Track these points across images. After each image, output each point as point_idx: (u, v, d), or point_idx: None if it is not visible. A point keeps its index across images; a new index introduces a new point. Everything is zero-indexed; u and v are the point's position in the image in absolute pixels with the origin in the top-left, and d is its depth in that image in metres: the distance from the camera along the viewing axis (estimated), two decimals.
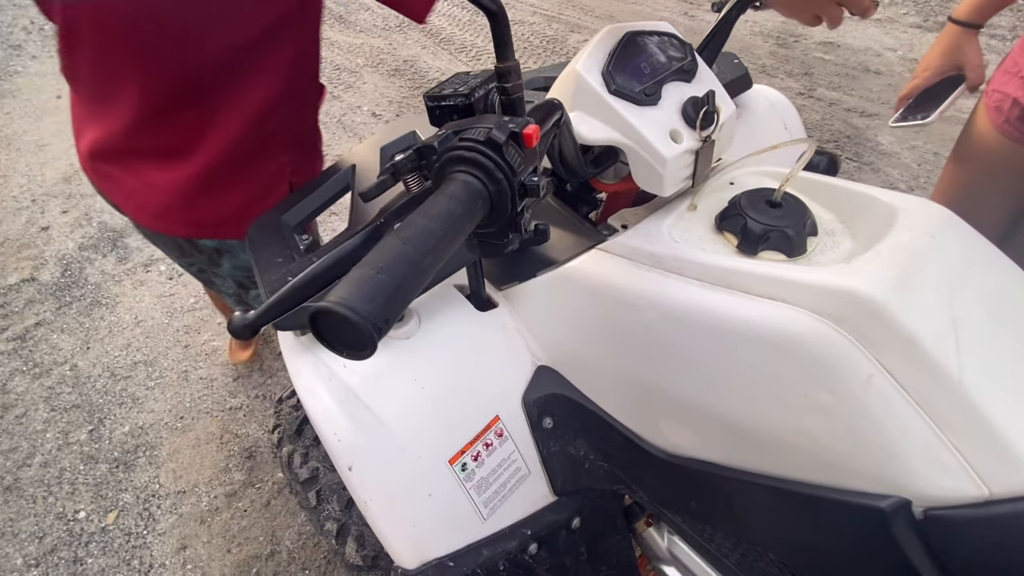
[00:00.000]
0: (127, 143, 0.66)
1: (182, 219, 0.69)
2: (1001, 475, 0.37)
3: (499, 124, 0.32)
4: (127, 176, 0.69)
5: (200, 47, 0.59)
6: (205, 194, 0.68)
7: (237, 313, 0.35)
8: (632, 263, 0.52)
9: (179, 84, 0.61)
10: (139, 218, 0.72)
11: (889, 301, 0.38)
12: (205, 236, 0.71)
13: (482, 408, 0.57)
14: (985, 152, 0.98)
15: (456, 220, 0.28)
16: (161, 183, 0.68)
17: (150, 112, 0.63)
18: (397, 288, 0.24)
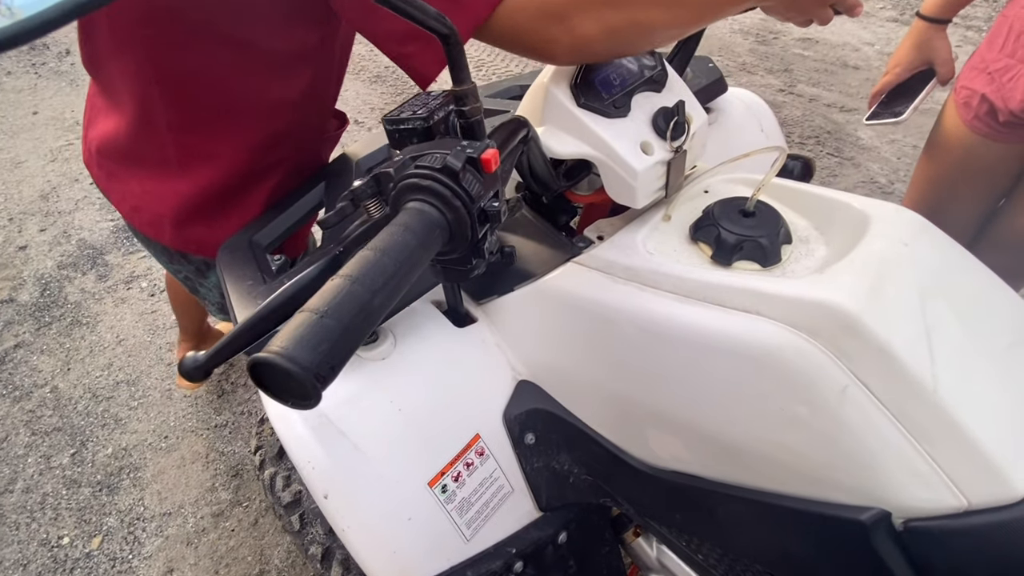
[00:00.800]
0: (132, 145, 0.65)
1: (173, 233, 0.68)
2: (979, 485, 0.37)
3: (455, 150, 0.31)
4: (128, 178, 0.68)
5: (212, 72, 0.57)
6: (199, 215, 0.66)
7: (189, 354, 0.34)
8: (607, 276, 0.52)
9: (187, 106, 0.60)
10: (132, 221, 0.71)
11: (862, 312, 0.38)
12: (193, 252, 0.70)
13: (462, 427, 0.56)
14: (956, 148, 0.98)
15: (411, 252, 0.27)
16: (158, 193, 0.66)
17: (155, 125, 0.62)
18: (343, 332, 0.24)
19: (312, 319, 0.23)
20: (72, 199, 2.25)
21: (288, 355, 0.22)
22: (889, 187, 2.10)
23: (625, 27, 0.41)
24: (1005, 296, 0.44)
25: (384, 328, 0.56)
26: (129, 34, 0.56)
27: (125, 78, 0.59)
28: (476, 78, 2.81)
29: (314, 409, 0.51)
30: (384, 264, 0.26)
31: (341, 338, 0.23)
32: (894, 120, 0.92)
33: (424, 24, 0.28)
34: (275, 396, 0.24)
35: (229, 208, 0.65)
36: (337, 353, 0.23)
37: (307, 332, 0.23)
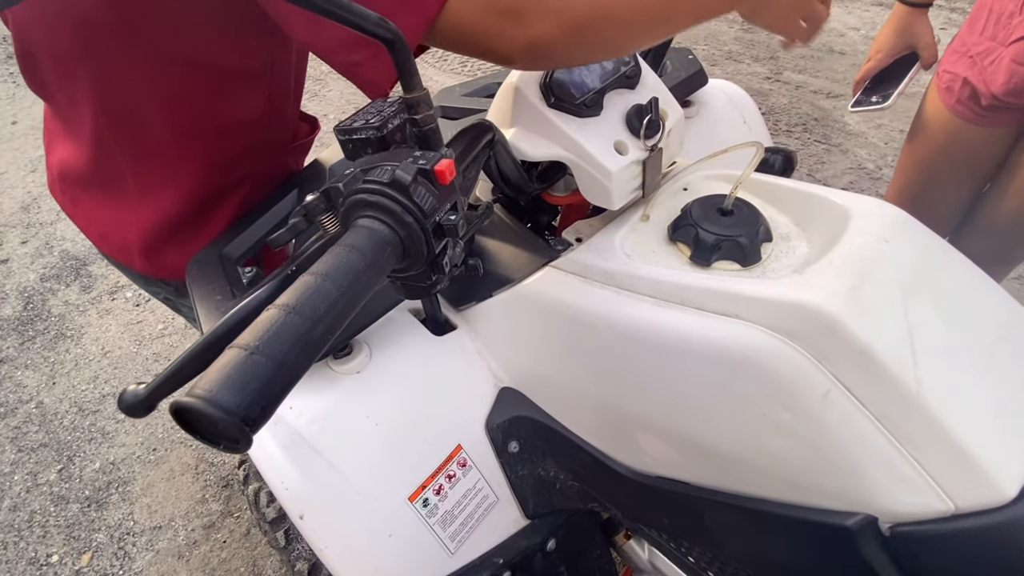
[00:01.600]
0: (92, 172, 0.62)
1: (143, 260, 0.66)
2: (965, 489, 0.36)
3: (405, 162, 0.29)
4: (92, 204, 0.65)
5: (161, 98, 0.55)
6: (167, 240, 0.64)
7: (130, 387, 0.33)
8: (585, 281, 0.50)
9: (139, 132, 0.57)
10: (101, 248, 0.68)
11: (842, 313, 0.37)
12: (165, 277, 0.67)
13: (442, 439, 0.55)
14: (939, 134, 0.97)
15: (358, 275, 0.25)
16: (123, 221, 0.64)
17: (110, 152, 0.59)
18: (277, 368, 0.22)
19: (240, 356, 0.22)
20: (54, 210, 2.21)
21: (212, 399, 0.20)
22: (877, 172, 2.09)
23: (587, 25, 0.38)
24: (988, 290, 0.43)
25: (359, 340, 0.55)
26: (71, 67, 0.53)
27: (75, 106, 0.57)
28: (462, 74, 2.78)
29: (287, 427, 0.50)
30: (326, 290, 0.24)
31: (275, 375, 0.22)
32: (879, 107, 0.91)
33: (365, 30, 0.27)
34: (204, 440, 0.23)
35: (197, 229, 0.62)
36: (269, 393, 0.22)
37: (234, 372, 0.21)
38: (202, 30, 0.49)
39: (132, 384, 0.32)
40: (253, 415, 0.21)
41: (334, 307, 0.24)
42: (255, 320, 0.23)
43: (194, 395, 0.21)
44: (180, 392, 0.26)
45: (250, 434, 0.21)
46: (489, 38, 0.38)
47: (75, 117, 0.58)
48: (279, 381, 0.22)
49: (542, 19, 0.37)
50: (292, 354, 0.22)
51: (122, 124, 0.56)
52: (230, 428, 0.21)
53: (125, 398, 0.32)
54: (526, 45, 0.38)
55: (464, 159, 0.38)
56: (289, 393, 0.23)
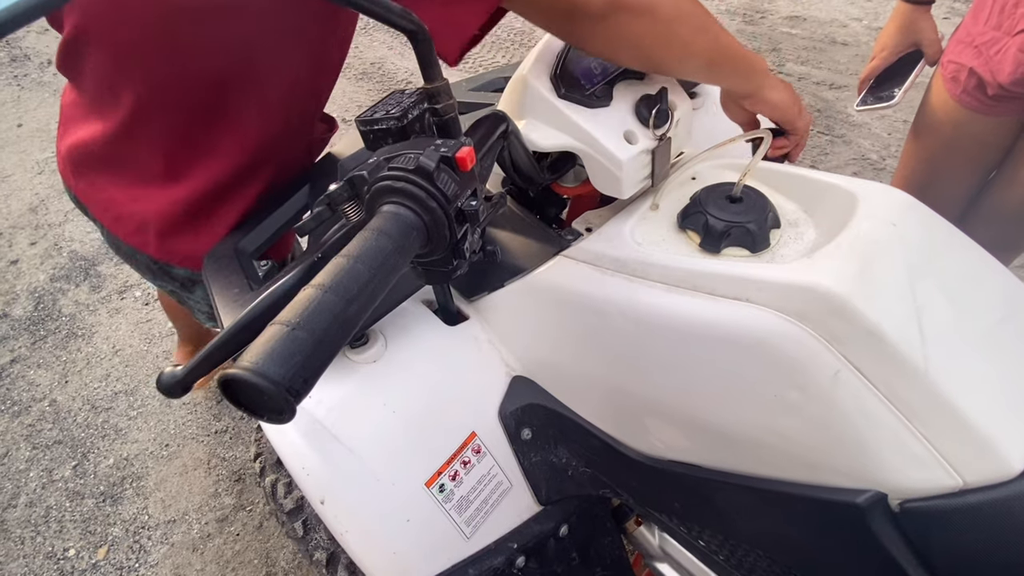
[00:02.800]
0: (118, 152, 0.63)
1: (158, 243, 0.67)
2: (973, 464, 0.37)
3: (429, 150, 0.30)
4: (110, 185, 0.66)
5: (216, 79, 0.56)
6: (185, 223, 0.65)
7: (167, 370, 0.34)
8: (597, 269, 0.51)
9: (187, 112, 0.59)
10: (116, 231, 0.68)
11: (851, 295, 0.38)
12: (177, 264, 0.68)
13: (457, 426, 0.56)
14: (945, 124, 0.98)
15: (386, 258, 0.26)
16: (143, 201, 0.65)
17: (147, 131, 0.61)
18: (317, 344, 0.23)
19: (283, 332, 0.23)
20: (61, 211, 2.23)
21: (259, 370, 0.21)
22: (881, 163, 2.09)
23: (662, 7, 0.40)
24: (994, 271, 0.44)
25: (374, 330, 0.56)
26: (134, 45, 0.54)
27: (120, 86, 0.58)
28: (464, 70, 2.78)
29: (307, 414, 0.51)
30: (358, 271, 0.25)
31: (315, 350, 0.23)
32: (886, 104, 0.91)
33: (389, 21, 0.27)
34: (249, 412, 0.24)
35: (215, 215, 0.64)
36: (310, 366, 0.23)
37: (278, 346, 0.22)
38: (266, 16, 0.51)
39: (169, 366, 0.34)
40: (296, 386, 0.22)
41: (366, 288, 0.25)
42: (294, 299, 0.24)
43: (242, 367, 0.22)
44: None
45: (295, 404, 0.23)
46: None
47: (114, 95, 0.59)
48: (319, 356, 0.23)
49: None
50: (330, 331, 0.24)
51: (173, 103, 0.58)
52: (276, 399, 0.22)
53: (163, 379, 0.33)
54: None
55: (480, 148, 0.39)
56: (327, 368, 0.24)
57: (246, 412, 0.24)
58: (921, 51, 0.93)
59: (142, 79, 0.57)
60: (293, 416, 0.23)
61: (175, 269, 0.69)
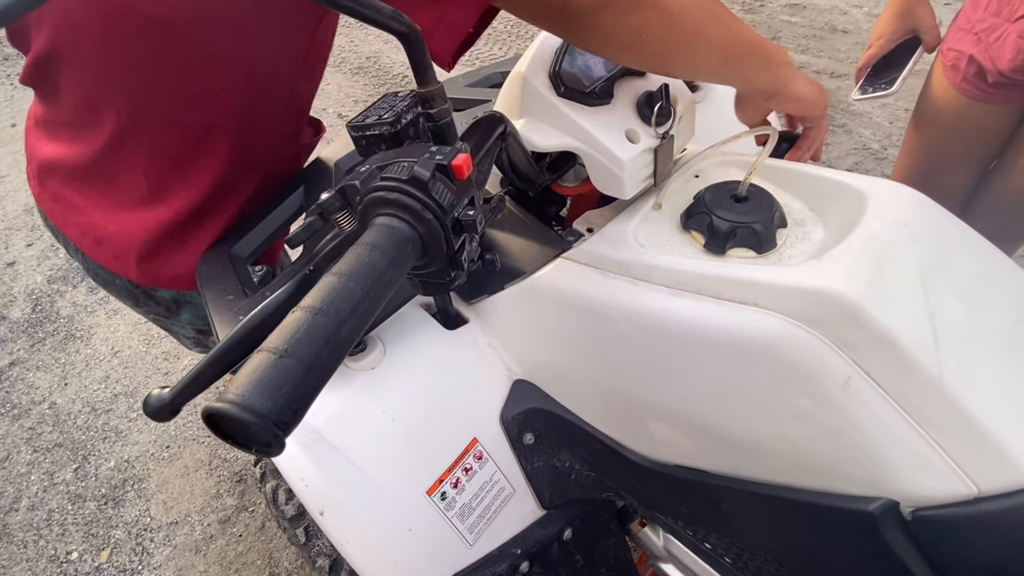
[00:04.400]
0: (98, 172, 0.60)
1: (140, 266, 0.64)
2: (988, 471, 0.36)
3: (423, 158, 0.29)
4: (89, 208, 0.62)
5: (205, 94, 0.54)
6: (169, 243, 0.62)
7: (154, 391, 0.33)
8: (599, 272, 0.50)
9: (173, 129, 0.56)
10: (96, 256, 0.65)
11: (863, 299, 0.37)
12: (163, 287, 0.66)
13: (458, 432, 0.55)
14: (945, 113, 0.96)
15: (380, 274, 0.25)
16: (125, 221, 0.62)
17: (130, 150, 0.58)
18: (307, 372, 0.22)
19: (270, 360, 0.22)
20: None
21: (244, 403, 0.20)
22: (882, 152, 2.07)
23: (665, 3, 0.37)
24: (1009, 271, 0.43)
25: (372, 336, 0.55)
26: (114, 68, 0.52)
27: (100, 108, 0.55)
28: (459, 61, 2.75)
29: (305, 424, 0.50)
30: (350, 290, 0.24)
31: (305, 378, 0.22)
32: (885, 93, 0.89)
33: (379, 24, 0.26)
34: (236, 445, 0.23)
35: (201, 230, 0.61)
36: (300, 395, 0.22)
37: (265, 375, 0.21)
38: (252, 23, 0.49)
39: (156, 388, 0.32)
40: (285, 419, 0.21)
41: (359, 307, 0.24)
42: (282, 323, 0.23)
43: (226, 400, 0.21)
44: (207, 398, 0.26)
45: (283, 438, 0.21)
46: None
47: (88, 121, 0.56)
48: (309, 383, 0.22)
49: None
50: (321, 356, 0.22)
51: (151, 127, 0.56)
52: (263, 433, 0.21)
53: (150, 402, 0.32)
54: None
55: (478, 152, 0.38)
56: (319, 395, 0.23)
57: (233, 444, 0.23)
58: (919, 38, 0.91)
59: (123, 101, 0.54)
60: (283, 449, 0.22)
61: (159, 292, 0.66)
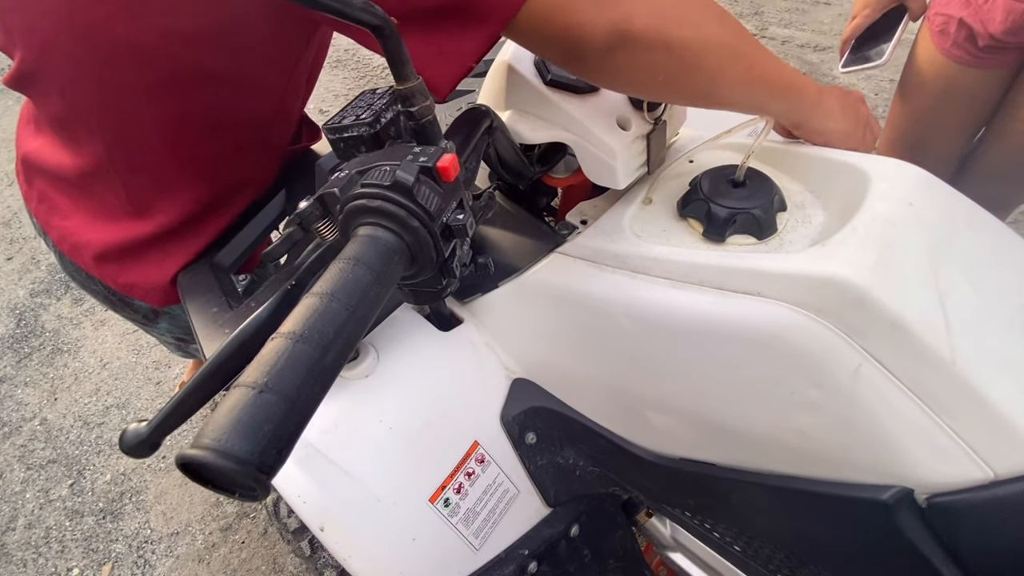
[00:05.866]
0: (81, 180, 0.58)
1: (117, 274, 0.62)
2: (1005, 455, 0.35)
3: (406, 160, 0.27)
4: (71, 211, 0.61)
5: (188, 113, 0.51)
6: (149, 255, 0.60)
7: (131, 427, 0.31)
8: (595, 265, 0.48)
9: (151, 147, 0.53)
10: (77, 258, 0.63)
11: (871, 285, 0.35)
12: (137, 298, 0.64)
13: (459, 437, 0.53)
14: (935, 79, 0.95)
15: (366, 290, 0.23)
16: (104, 230, 0.60)
17: (106, 169, 0.55)
18: (291, 406, 0.20)
19: (249, 396, 0.20)
20: None
21: (222, 449, 0.19)
22: None
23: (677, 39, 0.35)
24: (1018, 248, 0.41)
25: (365, 343, 0.53)
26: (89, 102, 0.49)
27: (78, 133, 0.52)
28: None
29: (300, 439, 0.49)
30: (334, 311, 0.22)
31: (288, 413, 0.20)
32: (874, 64, 0.87)
33: (347, 16, 0.24)
34: (217, 490, 0.21)
35: (182, 246, 0.58)
36: (284, 433, 0.20)
37: (243, 415, 0.19)
38: (234, 41, 0.45)
39: (134, 422, 0.31)
40: (269, 461, 0.19)
41: (344, 329, 0.22)
42: (260, 353, 0.21)
43: (202, 445, 0.19)
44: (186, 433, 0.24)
45: (267, 481, 0.20)
46: (576, 10, 0.34)
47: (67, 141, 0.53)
48: (293, 419, 0.20)
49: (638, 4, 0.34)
50: (305, 387, 0.21)
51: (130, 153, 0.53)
52: (245, 478, 0.19)
53: (127, 438, 0.30)
54: (612, 21, 0.34)
55: (464, 150, 0.36)
56: (305, 428, 0.21)
57: (213, 490, 0.21)
58: (905, 6, 0.89)
59: (97, 125, 0.51)
60: (268, 493, 0.20)
61: (135, 301, 0.64)
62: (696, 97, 0.42)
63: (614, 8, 0.34)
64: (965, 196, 0.42)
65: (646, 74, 0.38)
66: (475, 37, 0.35)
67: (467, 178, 0.37)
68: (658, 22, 0.35)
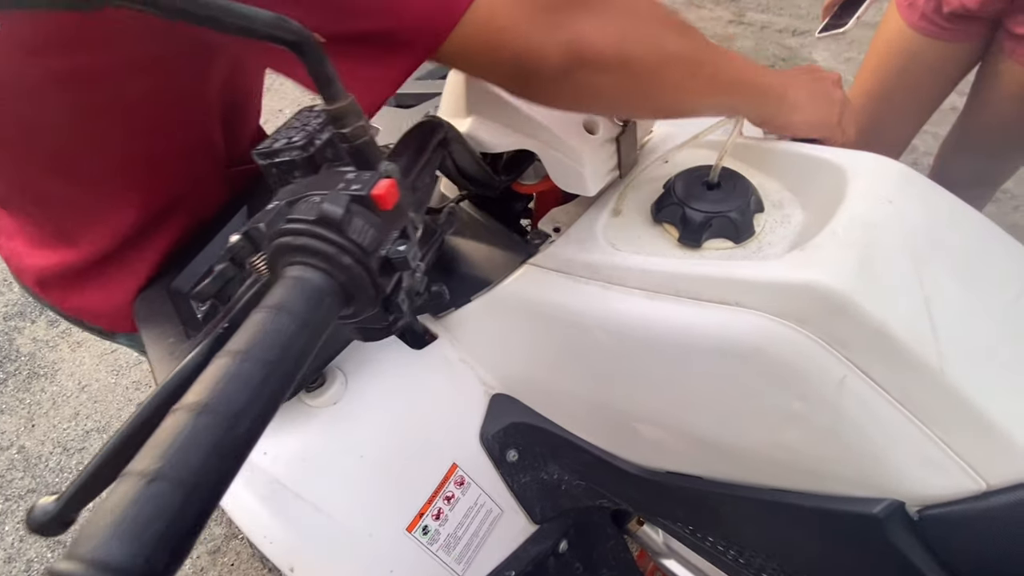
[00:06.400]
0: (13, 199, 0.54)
1: (61, 299, 0.59)
2: (997, 465, 0.33)
3: (335, 191, 0.24)
4: (14, 231, 0.58)
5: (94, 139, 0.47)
6: (87, 283, 0.56)
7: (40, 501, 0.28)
8: (568, 277, 0.46)
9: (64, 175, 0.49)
10: (24, 280, 0.60)
11: (853, 291, 0.33)
12: (87, 321, 0.61)
13: (436, 460, 0.51)
14: (901, 53, 0.96)
15: (289, 342, 0.21)
16: (40, 256, 0.57)
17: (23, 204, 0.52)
18: (189, 494, 0.17)
19: (136, 488, 0.17)
20: None
21: (98, 560, 0.16)
22: None
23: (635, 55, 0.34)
24: (1001, 242, 0.40)
25: (332, 367, 0.50)
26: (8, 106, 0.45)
27: None
28: None
29: (263, 474, 0.46)
30: (247, 374, 0.19)
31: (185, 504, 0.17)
32: (840, 31, 0.90)
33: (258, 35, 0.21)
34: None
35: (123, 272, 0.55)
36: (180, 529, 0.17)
37: (129, 511, 0.17)
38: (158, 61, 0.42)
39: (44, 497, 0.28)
40: (159, 566, 0.17)
41: (260, 393, 0.20)
42: (156, 431, 0.19)
43: (76, 556, 0.16)
44: None
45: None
46: (524, 34, 0.31)
47: None
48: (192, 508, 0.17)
49: (590, 17, 0.32)
50: (208, 469, 0.18)
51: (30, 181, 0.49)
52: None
53: (34, 516, 0.27)
54: (565, 43, 0.31)
55: (413, 168, 0.33)
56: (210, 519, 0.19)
57: None
58: None
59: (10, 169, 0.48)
60: None
61: (87, 323, 0.61)
62: (660, 112, 0.40)
63: (564, 29, 0.32)
64: (944, 189, 0.41)
65: (606, 96, 0.36)
66: (394, 65, 0.33)
67: (419, 199, 0.34)
68: (613, 41, 0.33)
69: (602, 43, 0.33)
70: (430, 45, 0.31)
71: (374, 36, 0.31)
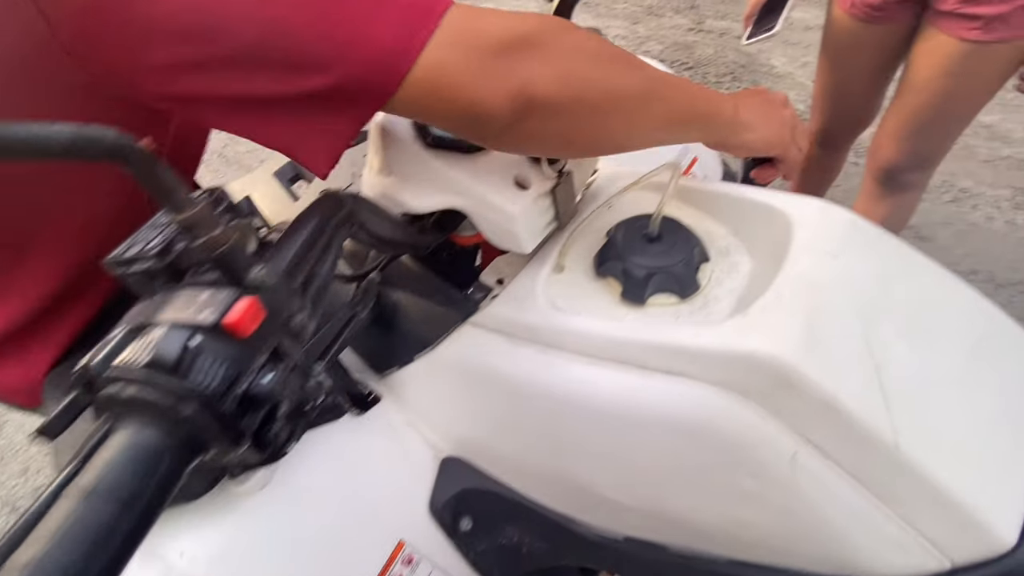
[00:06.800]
0: None
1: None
2: (960, 542, 0.31)
3: (172, 326, 0.21)
4: None
5: None
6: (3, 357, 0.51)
7: None
8: (508, 339, 0.43)
9: None
10: None
11: (799, 363, 0.31)
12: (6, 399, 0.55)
13: (380, 538, 0.47)
14: (843, 39, 1.05)
15: (107, 530, 0.17)
16: None
17: None
18: None
19: None
20: None
21: None
22: (807, 113, 2.08)
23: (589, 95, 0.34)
24: (954, 289, 0.38)
25: None
26: None
27: None
28: None
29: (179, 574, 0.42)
30: (59, 566, 0.16)
31: None
32: (769, 34, 0.94)
33: (62, 155, 0.17)
34: None
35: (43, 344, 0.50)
36: None
37: None
38: None
39: None
40: None
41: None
42: None
43: None
44: None
45: None
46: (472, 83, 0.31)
47: None
48: None
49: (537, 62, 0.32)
50: None
51: None
52: None
53: None
54: (515, 90, 0.31)
55: (306, 258, 0.30)
56: None
57: None
58: None
59: None
60: None
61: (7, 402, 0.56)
62: (613, 149, 0.40)
63: (512, 76, 0.32)
64: (891, 235, 0.39)
65: (558, 138, 0.36)
66: (344, 120, 0.32)
67: (319, 287, 0.31)
68: (562, 84, 0.33)
69: (551, 88, 0.33)
70: (379, 98, 0.31)
71: (322, 93, 0.31)
